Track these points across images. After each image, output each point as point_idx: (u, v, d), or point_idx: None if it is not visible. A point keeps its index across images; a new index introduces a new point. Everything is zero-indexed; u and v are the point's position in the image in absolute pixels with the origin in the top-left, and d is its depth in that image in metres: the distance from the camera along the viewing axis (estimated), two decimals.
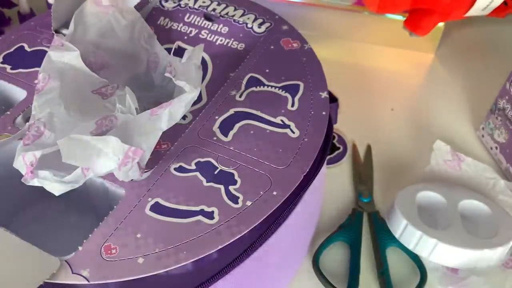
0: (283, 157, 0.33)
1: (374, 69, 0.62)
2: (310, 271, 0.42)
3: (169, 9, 0.45)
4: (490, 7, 0.54)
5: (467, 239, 0.40)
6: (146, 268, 0.28)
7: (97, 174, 0.30)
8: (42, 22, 0.44)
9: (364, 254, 0.43)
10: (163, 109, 0.32)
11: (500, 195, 0.47)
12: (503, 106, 0.49)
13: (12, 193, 0.36)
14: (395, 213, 0.42)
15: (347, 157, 0.52)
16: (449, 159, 0.49)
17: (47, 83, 0.34)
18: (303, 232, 0.39)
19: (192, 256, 0.28)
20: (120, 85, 0.37)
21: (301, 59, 0.40)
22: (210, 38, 0.42)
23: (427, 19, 0.55)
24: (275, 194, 0.31)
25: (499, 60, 0.63)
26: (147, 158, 0.31)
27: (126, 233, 0.29)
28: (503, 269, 0.41)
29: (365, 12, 0.62)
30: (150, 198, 0.31)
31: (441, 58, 0.64)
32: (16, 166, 0.30)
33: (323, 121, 0.35)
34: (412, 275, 0.42)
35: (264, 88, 0.38)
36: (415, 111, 0.57)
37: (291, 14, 0.61)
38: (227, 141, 0.34)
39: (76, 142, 0.29)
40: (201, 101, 0.37)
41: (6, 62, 0.40)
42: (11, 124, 0.35)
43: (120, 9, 0.40)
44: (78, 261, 0.28)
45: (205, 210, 0.30)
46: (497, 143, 0.51)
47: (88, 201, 0.36)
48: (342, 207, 0.47)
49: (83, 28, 0.39)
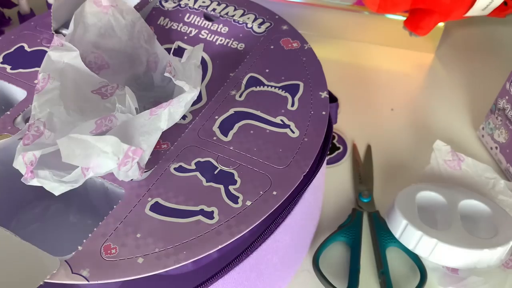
0: (283, 157, 0.33)
1: (374, 69, 0.62)
2: (310, 271, 0.42)
3: (169, 9, 0.45)
4: (490, 7, 0.54)
5: (467, 239, 0.40)
6: (145, 268, 0.28)
7: (97, 174, 0.30)
8: (42, 22, 0.44)
9: (364, 254, 0.43)
10: (163, 109, 0.32)
11: (500, 195, 0.47)
12: (503, 106, 0.49)
13: (12, 193, 0.36)
14: (395, 213, 0.42)
15: (347, 157, 0.52)
16: (449, 159, 0.49)
17: (47, 83, 0.34)
18: (303, 232, 0.39)
19: (192, 256, 0.28)
20: (120, 85, 0.37)
21: (301, 59, 0.40)
22: (210, 38, 0.42)
23: (427, 19, 0.55)
24: (275, 194, 0.31)
25: (499, 60, 0.63)
26: (147, 158, 0.31)
27: (126, 233, 0.29)
28: (503, 269, 0.41)
29: (365, 12, 0.62)
30: (150, 198, 0.31)
31: (441, 58, 0.64)
32: (16, 166, 0.30)
33: (323, 121, 0.35)
34: (412, 275, 0.42)
35: (264, 88, 0.38)
36: (415, 111, 0.57)
37: (291, 14, 0.61)
38: (227, 141, 0.34)
39: (75, 141, 0.29)
40: (201, 101, 0.37)
41: (6, 62, 0.40)
42: (11, 124, 0.35)
43: (120, 9, 0.40)
44: (78, 261, 0.28)
45: (205, 210, 0.30)
46: (497, 143, 0.51)
47: (88, 201, 0.36)
48: (342, 207, 0.47)
49: (83, 28, 0.39)
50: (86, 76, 0.36)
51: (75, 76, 0.36)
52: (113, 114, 0.33)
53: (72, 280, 0.27)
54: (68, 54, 0.35)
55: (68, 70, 0.35)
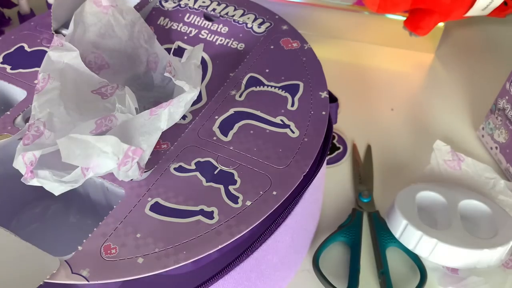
0: (283, 157, 0.33)
1: (374, 69, 0.62)
2: (310, 271, 0.42)
3: (169, 9, 0.45)
4: (490, 7, 0.54)
5: (467, 239, 0.40)
6: (145, 268, 0.28)
7: (97, 173, 0.30)
8: (42, 22, 0.44)
9: (364, 254, 0.43)
10: (163, 108, 0.32)
11: (500, 195, 0.47)
12: (503, 106, 0.49)
13: (12, 193, 0.36)
14: (395, 213, 0.42)
15: (347, 157, 0.52)
16: (449, 159, 0.49)
17: (47, 83, 0.34)
18: (303, 232, 0.39)
19: (192, 256, 0.28)
20: (119, 85, 0.37)
21: (301, 59, 0.40)
22: (210, 38, 0.42)
23: (427, 19, 0.55)
24: (275, 194, 0.31)
25: (499, 60, 0.63)
26: (146, 158, 0.31)
27: (126, 233, 0.29)
28: (503, 269, 0.41)
29: (365, 12, 0.62)
30: (150, 198, 0.31)
31: (441, 58, 0.64)
32: (16, 166, 0.30)
33: (323, 121, 0.35)
34: (412, 275, 0.42)
35: (264, 88, 0.38)
36: (415, 111, 0.57)
37: (291, 14, 0.61)
38: (227, 141, 0.34)
39: (75, 141, 0.29)
40: (201, 101, 0.37)
41: (6, 62, 0.40)
42: (11, 124, 0.35)
43: (120, 9, 0.40)
44: (78, 261, 0.28)
45: (205, 210, 0.30)
46: (497, 143, 0.51)
47: (88, 201, 0.36)
48: (342, 207, 0.47)
49: (83, 28, 0.39)
50: (86, 76, 0.36)
51: (75, 76, 0.36)
52: (113, 114, 0.33)
53: (72, 280, 0.27)
54: (68, 54, 0.35)
55: (68, 70, 0.35)
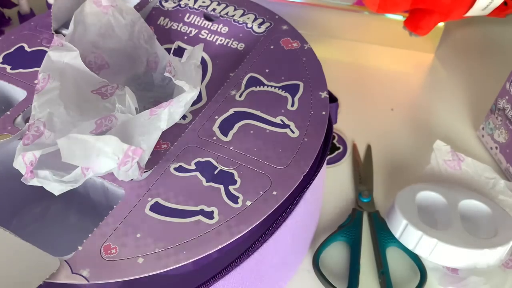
0: (283, 157, 0.33)
1: (374, 69, 0.62)
2: (310, 271, 0.42)
3: (169, 9, 0.45)
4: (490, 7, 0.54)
5: (467, 239, 0.40)
6: (145, 268, 0.28)
7: (97, 173, 0.30)
8: (42, 22, 0.44)
9: (364, 254, 0.43)
10: (163, 108, 0.32)
11: (500, 195, 0.47)
12: (503, 106, 0.49)
13: (12, 193, 0.36)
14: (395, 213, 0.42)
15: (347, 157, 0.52)
16: (449, 159, 0.49)
17: (47, 83, 0.34)
18: (303, 232, 0.39)
19: (192, 256, 0.28)
20: (119, 85, 0.37)
21: (301, 59, 0.40)
22: (210, 38, 0.42)
23: (427, 19, 0.55)
24: (275, 194, 0.31)
25: (499, 60, 0.63)
26: (146, 157, 0.31)
27: (126, 233, 0.29)
28: (503, 269, 0.41)
29: (365, 12, 0.62)
30: (150, 198, 0.31)
31: (441, 58, 0.64)
32: (16, 166, 0.30)
33: (323, 121, 0.35)
34: (412, 275, 0.42)
35: (264, 88, 0.38)
36: (415, 111, 0.57)
37: (291, 14, 0.61)
38: (227, 141, 0.34)
39: (75, 141, 0.29)
40: (201, 101, 0.37)
41: (6, 62, 0.40)
42: (11, 124, 0.35)
43: (120, 9, 0.40)
44: (78, 261, 0.28)
45: (205, 210, 0.30)
46: (497, 143, 0.51)
47: (88, 201, 0.36)
48: (342, 207, 0.47)
49: (83, 28, 0.39)
50: (86, 76, 0.36)
51: (75, 76, 0.36)
52: (113, 114, 0.33)
53: (72, 280, 0.27)
54: (68, 54, 0.35)
55: (68, 70, 0.35)
